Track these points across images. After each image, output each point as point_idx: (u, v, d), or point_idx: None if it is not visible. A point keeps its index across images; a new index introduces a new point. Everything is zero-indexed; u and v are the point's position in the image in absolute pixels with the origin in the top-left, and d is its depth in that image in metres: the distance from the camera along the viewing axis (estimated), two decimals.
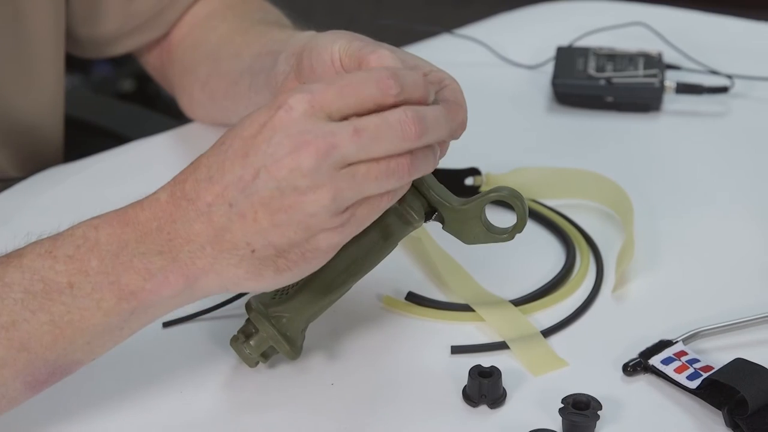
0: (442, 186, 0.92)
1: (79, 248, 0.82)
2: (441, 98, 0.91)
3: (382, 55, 0.87)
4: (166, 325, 0.97)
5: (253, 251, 0.82)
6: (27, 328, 0.82)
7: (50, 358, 0.83)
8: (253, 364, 0.92)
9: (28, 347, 0.82)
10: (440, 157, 0.87)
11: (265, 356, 0.91)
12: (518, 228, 0.92)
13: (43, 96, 1.21)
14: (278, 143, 0.80)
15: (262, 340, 0.90)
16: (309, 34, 1.01)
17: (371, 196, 0.82)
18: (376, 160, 0.81)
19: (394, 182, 0.82)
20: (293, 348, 0.90)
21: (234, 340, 0.91)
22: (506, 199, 0.91)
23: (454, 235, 0.93)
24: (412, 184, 0.89)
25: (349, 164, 0.80)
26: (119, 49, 1.27)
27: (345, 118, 0.81)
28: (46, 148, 1.24)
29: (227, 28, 1.20)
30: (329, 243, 0.82)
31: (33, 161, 1.23)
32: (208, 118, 1.25)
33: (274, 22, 1.18)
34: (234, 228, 0.81)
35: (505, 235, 0.92)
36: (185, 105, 1.26)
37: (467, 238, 0.92)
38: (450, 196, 0.92)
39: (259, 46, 1.11)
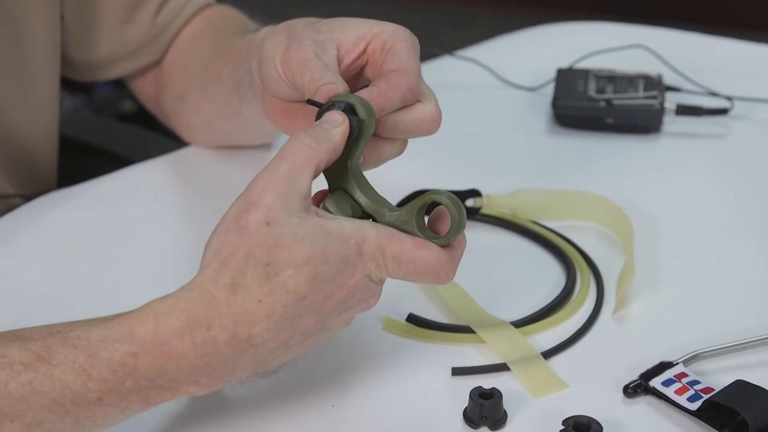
0: (375, 191, 0.89)
1: (115, 372, 0.81)
2: (385, 69, 0.92)
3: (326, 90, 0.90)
4: None
5: (270, 369, 0.86)
6: (50, 427, 0.82)
7: None
8: None
9: None
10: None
11: None
12: (453, 231, 0.86)
13: (38, 115, 1.22)
14: (353, 307, 0.86)
15: None
16: (261, 39, 1.02)
17: None
18: None
19: None
20: None
21: None
22: (439, 201, 0.86)
23: None
24: (342, 189, 0.88)
25: None
26: (112, 73, 1.27)
27: None
28: (40, 166, 1.24)
29: (207, 49, 1.20)
30: None
31: (27, 179, 1.23)
32: (209, 142, 1.25)
33: (241, 32, 1.18)
34: (276, 362, 0.85)
35: (440, 239, 0.86)
36: (183, 132, 1.26)
37: None
38: (383, 202, 0.89)
39: (231, 62, 1.11)
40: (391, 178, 0.95)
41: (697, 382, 0.93)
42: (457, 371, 0.96)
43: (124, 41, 1.23)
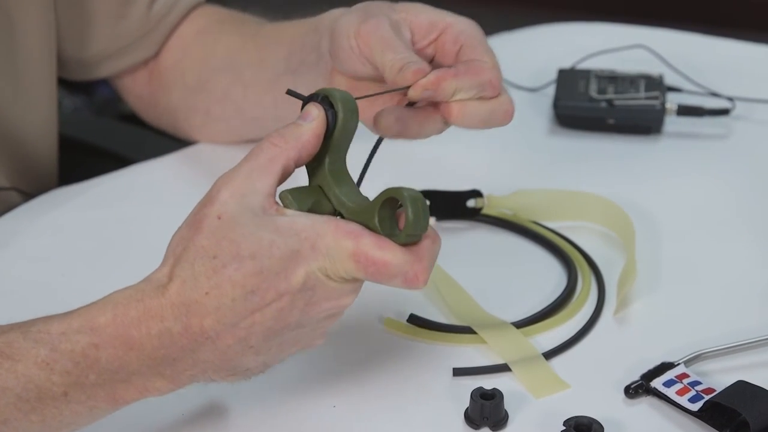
0: (354, 190, 0.85)
1: (78, 365, 0.81)
2: (461, 58, 0.93)
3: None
4: None
5: (247, 370, 0.84)
6: (17, 425, 0.82)
7: None
8: None
9: None
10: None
11: None
12: (408, 229, 0.80)
13: (35, 110, 1.21)
14: (317, 304, 0.82)
15: None
16: (338, 13, 1.02)
17: None
18: None
19: None
20: None
21: None
22: (396, 196, 0.82)
23: None
24: (318, 186, 0.85)
25: None
26: (105, 71, 1.27)
27: None
28: (39, 161, 1.24)
29: (231, 38, 1.20)
30: None
31: (26, 173, 1.23)
32: (226, 134, 1.24)
33: (275, 21, 1.19)
34: (244, 360, 0.83)
35: (398, 236, 0.81)
36: (194, 127, 1.25)
37: None
38: (353, 195, 0.85)
39: (283, 46, 1.11)
40: (391, 179, 0.94)
41: (698, 383, 0.93)
42: (458, 372, 0.96)
43: (118, 37, 1.23)
